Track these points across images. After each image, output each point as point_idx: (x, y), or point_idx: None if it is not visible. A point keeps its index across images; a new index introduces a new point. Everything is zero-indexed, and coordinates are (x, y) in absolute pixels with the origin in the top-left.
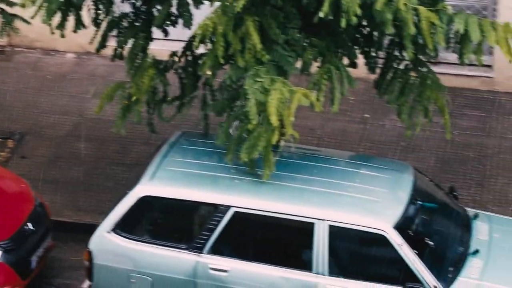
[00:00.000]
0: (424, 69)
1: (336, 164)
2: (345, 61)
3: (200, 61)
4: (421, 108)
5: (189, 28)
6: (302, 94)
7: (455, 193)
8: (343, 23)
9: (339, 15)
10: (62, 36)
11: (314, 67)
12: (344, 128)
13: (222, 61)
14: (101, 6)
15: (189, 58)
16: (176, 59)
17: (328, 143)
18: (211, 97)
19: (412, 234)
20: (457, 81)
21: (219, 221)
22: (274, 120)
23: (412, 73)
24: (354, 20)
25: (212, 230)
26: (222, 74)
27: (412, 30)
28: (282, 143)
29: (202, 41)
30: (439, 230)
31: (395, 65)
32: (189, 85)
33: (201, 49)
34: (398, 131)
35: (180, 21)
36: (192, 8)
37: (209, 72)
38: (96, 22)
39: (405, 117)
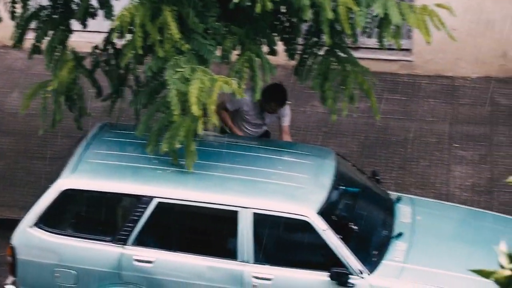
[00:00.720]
0: (344, 55)
1: (259, 151)
2: (265, 48)
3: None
4: (346, 93)
5: (111, 20)
6: (223, 82)
7: (377, 177)
8: (258, 9)
9: (255, 1)
10: None
11: (235, 55)
12: None
13: (141, 52)
14: None
15: (111, 51)
16: (98, 52)
17: None
18: (137, 90)
19: (335, 219)
20: (377, 65)
21: (142, 212)
22: (195, 109)
23: (333, 59)
24: (269, 5)
25: (135, 222)
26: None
27: (330, 15)
28: (204, 132)
29: (120, 33)
30: (363, 214)
31: (315, 51)
32: (115, 79)
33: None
34: (320, 117)
35: (100, 12)
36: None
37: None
38: (13, 16)
39: (331, 103)
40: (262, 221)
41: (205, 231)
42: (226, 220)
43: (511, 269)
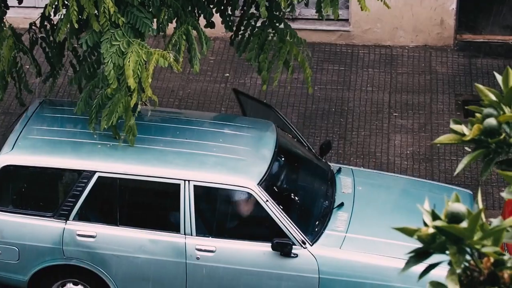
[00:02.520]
0: (281, 26)
1: (199, 125)
2: (202, 21)
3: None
4: (280, 63)
5: None
6: (160, 55)
7: (330, 149)
8: None
9: None
10: None
11: (172, 28)
12: (206, 89)
13: (77, 26)
14: None
15: (48, 27)
16: (36, 29)
17: (190, 105)
18: (76, 66)
19: (277, 190)
20: (315, 36)
21: (84, 187)
22: (131, 82)
23: (270, 30)
24: None
25: (77, 197)
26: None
27: None
28: (143, 106)
29: (55, 7)
30: (304, 185)
31: (252, 23)
32: (54, 55)
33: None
34: (259, 89)
35: None
36: None
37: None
38: None
39: (265, 74)
40: (204, 194)
41: (148, 205)
42: (168, 193)
43: (434, 226)
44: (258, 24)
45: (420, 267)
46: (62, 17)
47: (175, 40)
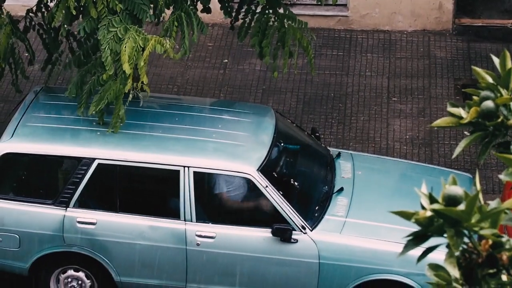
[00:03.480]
0: (281, 10)
1: (198, 111)
2: (200, 6)
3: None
4: (287, 50)
5: None
6: (156, 42)
7: (317, 134)
8: None
9: None
10: None
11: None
12: (204, 75)
13: (74, 12)
14: None
15: (45, 13)
16: (33, 15)
17: (189, 91)
18: (72, 52)
19: (277, 176)
20: (314, 21)
21: (83, 174)
22: (127, 67)
23: (271, 15)
24: None
25: (77, 184)
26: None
27: None
28: (140, 93)
29: None
30: (304, 170)
31: (252, 8)
32: (51, 42)
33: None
34: (258, 75)
35: None
36: None
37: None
38: None
39: (268, 60)
40: (203, 180)
41: (147, 192)
42: (168, 180)
43: (431, 210)
44: (258, 9)
45: (418, 251)
46: (58, 3)
47: (166, 26)
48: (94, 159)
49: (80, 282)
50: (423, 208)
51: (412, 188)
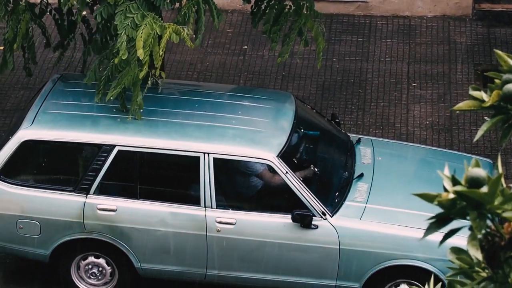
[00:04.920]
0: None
1: (218, 97)
2: None
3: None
4: (293, 36)
5: None
6: (173, 30)
7: (337, 120)
8: None
9: None
10: None
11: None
12: (224, 61)
13: None
14: None
15: None
16: (49, 1)
17: (208, 77)
18: (89, 38)
19: (297, 162)
20: (333, 7)
21: (104, 161)
22: (141, 53)
23: (287, 2)
24: None
25: (97, 171)
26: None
27: None
28: (159, 80)
29: None
30: (324, 157)
31: None
32: (65, 27)
33: None
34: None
35: None
36: None
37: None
38: None
39: (275, 46)
40: (223, 166)
41: (168, 178)
42: (188, 166)
43: (454, 192)
44: None
45: (438, 236)
46: None
47: (184, 11)
48: (114, 145)
49: (100, 268)
50: (446, 190)
51: (432, 174)
